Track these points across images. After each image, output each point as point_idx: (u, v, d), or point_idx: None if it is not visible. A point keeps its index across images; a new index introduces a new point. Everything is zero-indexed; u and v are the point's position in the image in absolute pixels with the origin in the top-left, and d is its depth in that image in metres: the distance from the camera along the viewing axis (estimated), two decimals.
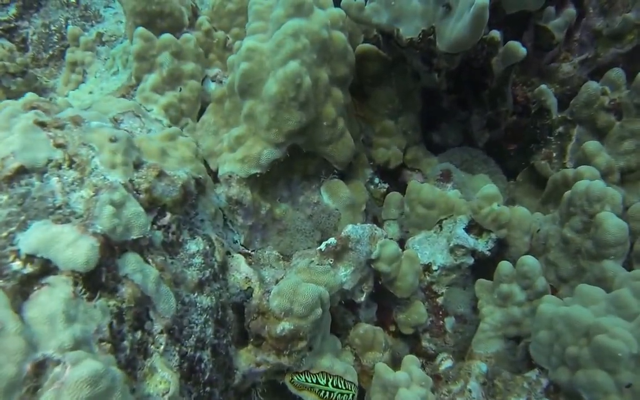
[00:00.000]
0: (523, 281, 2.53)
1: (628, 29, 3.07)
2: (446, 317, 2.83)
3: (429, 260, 2.81)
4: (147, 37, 2.82)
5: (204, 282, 2.22)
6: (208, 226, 2.41)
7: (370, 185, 3.16)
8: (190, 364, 2.04)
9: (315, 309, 2.23)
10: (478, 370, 2.44)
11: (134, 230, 1.92)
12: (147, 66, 2.85)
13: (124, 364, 1.74)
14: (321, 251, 2.49)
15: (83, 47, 3.42)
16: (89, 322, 1.66)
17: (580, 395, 2.08)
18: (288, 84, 2.42)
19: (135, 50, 2.79)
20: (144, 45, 2.80)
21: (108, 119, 2.25)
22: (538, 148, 3.07)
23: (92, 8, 4.04)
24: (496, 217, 2.69)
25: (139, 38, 2.80)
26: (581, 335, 2.11)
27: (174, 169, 2.21)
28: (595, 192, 2.46)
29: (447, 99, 3.12)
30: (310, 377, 2.38)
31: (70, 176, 1.90)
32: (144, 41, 2.81)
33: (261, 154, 2.56)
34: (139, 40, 2.80)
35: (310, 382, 2.38)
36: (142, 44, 2.80)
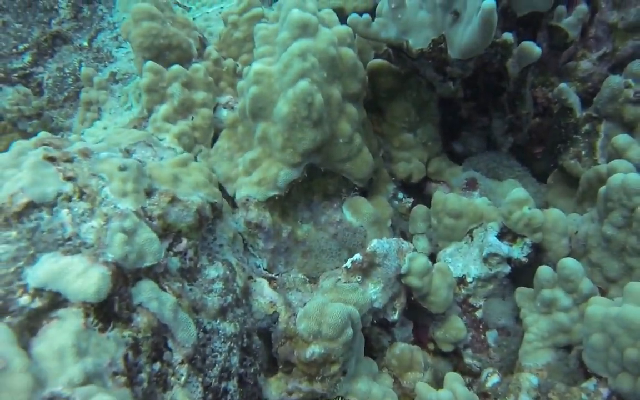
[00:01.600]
0: (566, 285, 2.34)
1: None
2: (487, 330, 2.63)
3: (463, 272, 2.63)
4: (156, 70, 2.75)
5: (226, 308, 2.08)
6: (227, 251, 2.28)
7: (395, 200, 3.01)
8: (215, 396, 1.89)
9: (346, 330, 2.07)
10: (529, 383, 2.24)
11: (147, 257, 1.79)
12: (158, 98, 2.77)
13: (142, 398, 1.60)
14: (347, 269, 2.34)
15: (97, 87, 3.39)
16: (102, 354, 1.53)
17: None
18: (299, 103, 2.31)
19: (145, 84, 2.71)
20: (153, 79, 2.73)
21: (118, 150, 2.15)
22: (565, 148, 2.90)
23: (104, 50, 4.05)
24: (529, 221, 2.52)
25: (148, 71, 2.73)
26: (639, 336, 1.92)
27: (187, 194, 2.09)
28: (633, 184, 2.27)
29: (465, 106, 2.99)
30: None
31: (81, 207, 1.79)
32: (154, 74, 2.73)
33: (278, 175, 2.44)
34: (149, 74, 2.73)
35: None
36: (151, 77, 2.72)
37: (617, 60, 2.98)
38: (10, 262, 1.58)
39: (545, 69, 3.04)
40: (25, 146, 1.95)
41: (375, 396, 2.28)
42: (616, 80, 2.77)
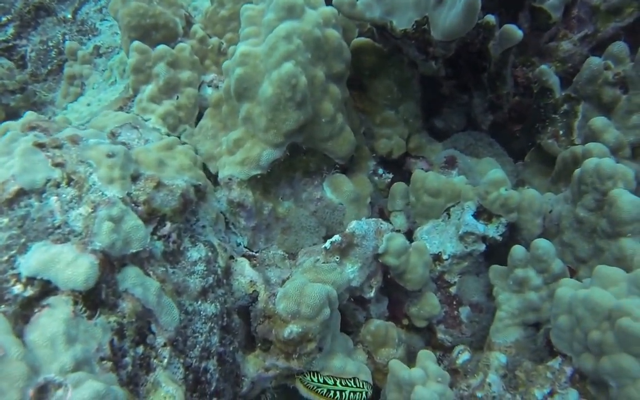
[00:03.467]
0: (538, 265, 2.45)
1: (627, 2, 2.96)
2: (461, 306, 2.76)
3: (439, 249, 2.73)
4: (143, 50, 2.80)
5: (208, 289, 2.18)
6: (210, 232, 2.37)
7: (374, 176, 3.10)
8: (195, 376, 2.00)
9: (324, 309, 2.18)
10: (497, 362, 2.36)
11: (133, 244, 1.88)
12: (144, 78, 2.83)
13: (126, 380, 1.71)
14: (326, 249, 2.43)
15: (81, 61, 3.41)
16: (90, 341, 1.63)
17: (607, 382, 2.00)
18: (283, 85, 2.38)
19: (132, 64, 2.77)
20: (139, 58, 2.78)
21: (105, 135, 2.21)
22: (544, 127, 2.97)
23: (88, 22, 4.04)
24: (505, 201, 2.61)
25: (135, 52, 2.78)
26: (603, 319, 2.02)
27: (172, 178, 2.17)
28: (606, 169, 2.37)
29: (447, 84, 3.05)
30: (318, 377, 2.33)
31: (69, 194, 1.88)
32: (140, 54, 2.79)
33: (261, 155, 2.52)
34: (135, 54, 2.78)
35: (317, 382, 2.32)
36: (138, 57, 2.78)
37: (599, 41, 3.03)
38: (3, 251, 1.67)
39: (527, 49, 3.09)
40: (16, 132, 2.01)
41: (349, 372, 2.39)
42: (596, 61, 2.83)
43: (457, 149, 3.11)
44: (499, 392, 2.26)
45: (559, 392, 2.17)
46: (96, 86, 3.32)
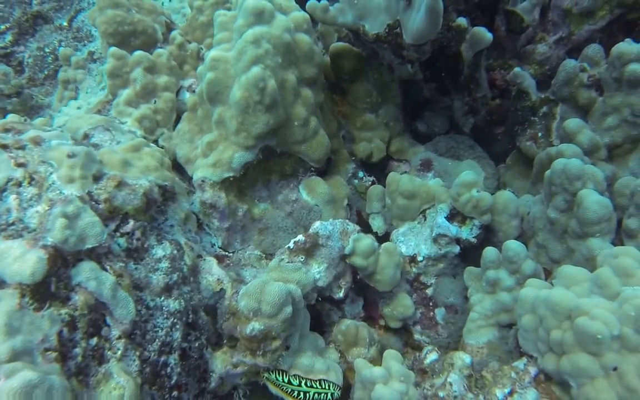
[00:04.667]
0: (510, 266, 2.44)
1: (598, 5, 2.94)
2: (436, 308, 2.75)
3: (414, 251, 2.74)
4: (120, 56, 2.88)
5: (172, 286, 2.21)
6: (178, 231, 2.41)
7: (354, 179, 3.11)
8: (154, 369, 2.03)
9: (285, 308, 2.19)
10: (461, 362, 2.34)
11: (88, 240, 1.92)
12: (121, 82, 2.90)
13: (74, 371, 1.75)
14: (290, 249, 2.45)
15: (74, 66, 3.51)
16: (35, 332, 1.67)
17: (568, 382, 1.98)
18: (251, 88, 2.42)
19: (108, 69, 2.85)
20: (116, 64, 2.87)
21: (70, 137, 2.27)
22: (523, 130, 2.96)
23: (83, 29, 4.16)
24: (477, 203, 2.60)
25: (112, 57, 2.87)
26: (564, 319, 2.00)
27: (136, 178, 2.22)
28: (573, 170, 2.35)
29: (427, 87, 3.06)
30: (282, 376, 2.34)
31: (29, 193, 1.94)
32: (117, 60, 2.87)
33: (232, 157, 2.56)
34: (112, 60, 2.86)
35: (281, 381, 2.33)
36: (114, 63, 2.86)
37: (574, 44, 3.01)
38: None
39: (504, 52, 3.09)
40: None
41: (318, 370, 2.40)
42: (571, 64, 2.81)
43: (438, 152, 3.12)
44: (460, 392, 2.23)
45: (518, 392, 2.15)
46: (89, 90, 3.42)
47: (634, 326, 1.84)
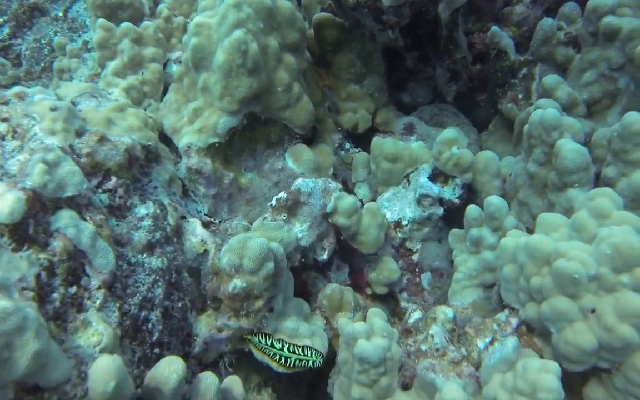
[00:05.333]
0: (492, 223, 2.44)
1: None
2: (422, 273, 2.75)
3: (399, 216, 2.75)
4: (107, 27, 2.94)
5: (154, 244, 2.23)
6: (162, 193, 2.43)
7: (341, 150, 3.14)
8: (134, 323, 2.04)
9: (266, 263, 2.20)
10: (443, 316, 2.33)
11: (68, 188, 1.93)
12: (109, 54, 2.95)
13: (52, 315, 1.75)
14: (272, 206, 2.47)
15: (69, 55, 3.57)
16: (12, 271, 1.69)
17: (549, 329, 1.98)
18: (234, 51, 2.45)
19: (97, 40, 2.90)
20: (104, 35, 2.92)
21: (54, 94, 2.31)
22: (504, 92, 2.98)
23: (78, 20, 4.24)
24: (457, 160, 2.62)
25: (100, 28, 2.92)
26: (543, 264, 2.00)
27: (119, 136, 2.24)
28: (550, 120, 2.36)
29: (410, 57, 3.08)
30: (266, 339, 2.35)
31: (12, 145, 1.98)
32: (105, 31, 2.92)
33: (217, 123, 2.59)
34: (100, 30, 2.91)
35: (264, 344, 2.33)
36: (102, 34, 2.91)
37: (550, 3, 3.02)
38: None
39: (482, 15, 3.11)
40: None
41: (303, 334, 2.41)
42: (548, 22, 2.83)
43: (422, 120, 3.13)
44: (442, 344, 2.23)
45: (499, 340, 2.14)
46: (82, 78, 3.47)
47: (611, 265, 1.83)
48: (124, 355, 1.95)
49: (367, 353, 2.11)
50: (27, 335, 1.50)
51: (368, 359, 2.12)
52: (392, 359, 2.20)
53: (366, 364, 2.14)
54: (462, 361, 2.19)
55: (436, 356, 2.22)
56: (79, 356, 1.75)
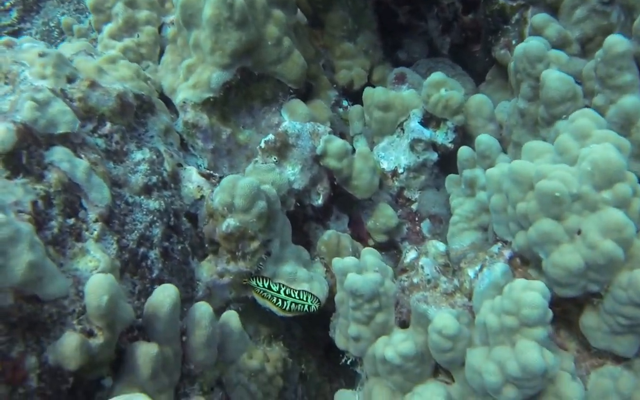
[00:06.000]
0: (484, 162, 2.46)
1: None
2: (422, 221, 2.79)
3: (395, 164, 2.80)
4: None
5: (151, 186, 2.33)
6: (158, 141, 2.53)
7: (338, 107, 3.20)
8: (133, 257, 2.13)
9: (257, 201, 2.28)
10: (434, 249, 2.37)
11: (60, 126, 2.03)
12: (104, 18, 3.07)
13: (51, 240, 1.85)
14: (261, 149, 2.55)
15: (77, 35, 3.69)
16: (7, 195, 1.77)
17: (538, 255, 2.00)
18: (220, 5, 2.52)
19: (91, 4, 3.02)
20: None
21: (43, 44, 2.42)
22: (497, 39, 3.00)
23: (84, 0, 4.35)
24: (446, 102, 2.66)
25: None
26: (527, 189, 2.02)
27: (110, 84, 2.34)
28: (533, 50, 2.38)
29: (402, 11, 3.13)
30: (263, 282, 2.42)
31: (3, 90, 2.08)
32: None
33: (210, 77, 2.67)
34: None
35: (262, 287, 2.40)
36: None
37: None
38: None
39: None
40: None
41: (300, 278, 2.47)
42: None
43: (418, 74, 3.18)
44: (433, 275, 2.27)
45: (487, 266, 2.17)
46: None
47: (592, 182, 1.85)
48: (123, 286, 2.05)
49: (357, 285, 2.12)
50: (20, 246, 1.59)
51: (359, 292, 2.13)
52: (386, 294, 2.23)
53: (358, 298, 2.16)
54: (455, 292, 2.22)
55: (428, 288, 2.25)
56: (76, 277, 1.85)
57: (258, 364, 2.46)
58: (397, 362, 2.06)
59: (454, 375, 2.08)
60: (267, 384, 2.50)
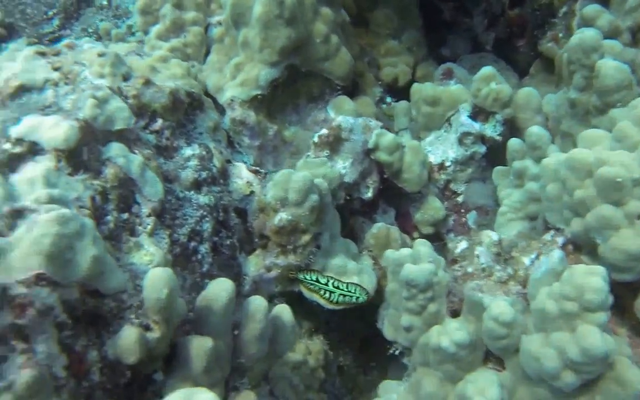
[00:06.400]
0: (534, 153, 2.45)
1: None
2: (468, 213, 2.78)
3: (442, 158, 2.79)
4: None
5: (201, 182, 2.34)
6: (207, 138, 2.55)
7: (382, 104, 3.20)
8: (184, 251, 2.14)
9: (310, 195, 2.28)
10: (488, 239, 2.35)
11: (117, 122, 2.06)
12: (152, 19, 3.11)
13: (107, 235, 1.86)
14: (315, 143, 2.55)
15: (114, 39, 3.76)
16: (69, 190, 1.80)
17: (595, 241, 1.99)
18: (270, 2, 2.54)
19: (139, 6, 3.07)
20: (146, 1, 3.09)
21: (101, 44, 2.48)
22: (543, 33, 2.96)
23: (122, 7, 4.46)
24: (496, 95, 2.64)
25: None
26: (585, 176, 2.01)
27: (163, 81, 2.38)
28: (588, 41, 2.36)
29: (447, 8, 3.13)
30: (311, 274, 2.42)
31: (65, 89, 2.11)
32: None
33: (259, 75, 2.69)
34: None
35: (309, 280, 2.41)
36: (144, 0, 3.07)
37: None
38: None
39: None
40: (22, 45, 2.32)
41: (350, 271, 2.47)
42: None
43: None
44: (488, 264, 2.25)
45: (544, 254, 2.16)
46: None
47: None
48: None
49: (414, 275, 2.14)
50: (85, 241, 1.60)
51: (415, 282, 2.14)
52: (439, 284, 2.22)
53: (413, 288, 2.16)
54: (509, 280, 2.21)
55: (482, 277, 2.25)
56: (133, 271, 1.85)
57: (301, 357, 2.49)
58: (452, 350, 2.06)
59: (507, 362, 2.06)
60: (309, 376, 2.52)
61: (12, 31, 4.16)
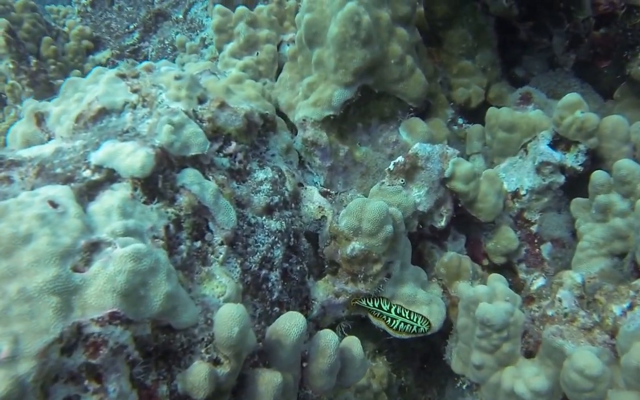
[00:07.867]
0: (622, 188, 2.19)
1: None
2: (542, 244, 2.53)
3: (517, 186, 2.54)
4: (224, 12, 3.00)
5: (273, 207, 2.18)
6: (279, 160, 2.39)
7: (454, 125, 2.99)
8: (255, 280, 2.00)
9: (385, 226, 2.10)
10: (571, 281, 2.11)
11: (192, 147, 1.94)
12: (226, 37, 3.00)
13: (180, 265, 1.74)
14: (390, 171, 2.37)
15: (189, 51, 3.71)
16: (145, 220, 1.69)
17: None
18: (347, 23, 2.38)
19: (215, 24, 2.97)
20: (221, 19, 2.98)
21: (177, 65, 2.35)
22: (634, 55, 2.63)
23: (196, 20, 4.44)
24: (581, 124, 2.38)
25: (217, 13, 3.00)
26: None
27: (237, 103, 2.23)
28: None
29: (524, 28, 2.87)
30: (374, 301, 2.25)
31: (142, 112, 2.03)
32: (222, 16, 2.99)
33: (332, 95, 2.52)
34: (217, 15, 2.99)
35: (372, 306, 2.23)
36: (219, 19, 2.98)
37: None
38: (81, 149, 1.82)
39: None
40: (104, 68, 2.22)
41: (420, 300, 2.29)
42: None
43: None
44: (571, 308, 2.02)
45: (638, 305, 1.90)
46: None
47: None
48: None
49: (490, 315, 1.95)
50: (159, 277, 1.49)
51: (490, 322, 1.96)
52: (515, 324, 2.02)
53: (488, 327, 1.98)
54: (594, 328, 1.97)
55: (564, 321, 2.01)
56: (205, 304, 1.71)
57: (365, 381, 2.35)
58: (527, 397, 1.87)
59: None
60: None
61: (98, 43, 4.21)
